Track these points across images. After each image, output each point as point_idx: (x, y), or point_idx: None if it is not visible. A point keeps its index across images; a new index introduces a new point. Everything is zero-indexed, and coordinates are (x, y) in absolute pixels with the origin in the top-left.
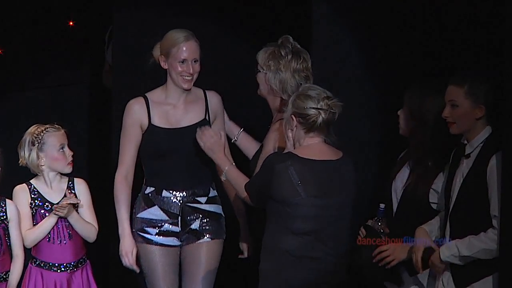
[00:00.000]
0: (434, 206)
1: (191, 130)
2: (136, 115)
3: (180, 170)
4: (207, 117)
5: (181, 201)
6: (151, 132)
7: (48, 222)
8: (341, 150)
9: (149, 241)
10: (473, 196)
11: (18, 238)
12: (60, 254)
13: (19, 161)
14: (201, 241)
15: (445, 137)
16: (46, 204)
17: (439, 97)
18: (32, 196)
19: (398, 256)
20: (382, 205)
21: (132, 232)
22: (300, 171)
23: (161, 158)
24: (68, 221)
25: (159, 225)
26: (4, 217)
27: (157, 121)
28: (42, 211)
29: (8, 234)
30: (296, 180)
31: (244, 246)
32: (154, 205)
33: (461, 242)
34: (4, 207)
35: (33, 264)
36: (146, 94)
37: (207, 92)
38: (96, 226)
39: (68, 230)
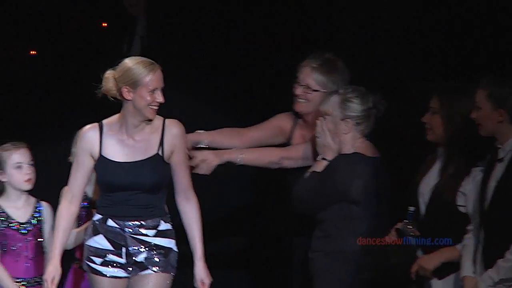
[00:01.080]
0: (461, 209)
1: (141, 165)
2: (87, 144)
3: (127, 202)
4: (160, 152)
5: (126, 232)
6: (101, 163)
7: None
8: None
9: (95, 271)
10: (507, 200)
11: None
12: None
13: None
14: (146, 272)
15: (475, 139)
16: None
17: (469, 99)
18: None
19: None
20: (411, 208)
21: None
22: (370, 171)
23: (109, 189)
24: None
25: (103, 254)
26: (40, 218)
27: (107, 153)
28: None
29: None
30: (370, 180)
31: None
32: (100, 233)
33: (491, 270)
34: (40, 209)
35: (76, 265)
36: (103, 121)
37: (166, 122)
38: None
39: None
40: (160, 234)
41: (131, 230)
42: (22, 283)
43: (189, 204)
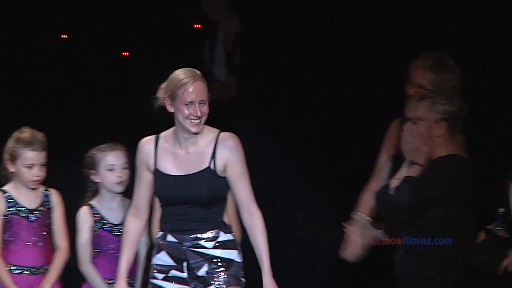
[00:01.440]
0: None
1: (192, 178)
2: (143, 156)
3: (183, 216)
4: (211, 165)
5: (184, 246)
6: (155, 177)
7: None
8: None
9: (157, 287)
10: None
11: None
12: None
13: None
14: None
15: None
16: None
17: None
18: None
19: None
20: (501, 210)
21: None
22: (466, 171)
23: (165, 203)
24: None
25: (166, 270)
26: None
27: (161, 166)
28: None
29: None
30: (467, 180)
31: None
32: (162, 250)
33: None
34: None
35: None
36: (160, 134)
37: (221, 135)
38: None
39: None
40: (220, 245)
41: (190, 244)
42: (114, 284)
43: (253, 219)
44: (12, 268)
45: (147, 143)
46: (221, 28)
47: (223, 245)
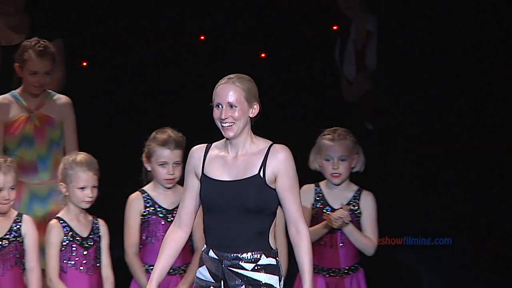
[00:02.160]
0: None
1: (240, 184)
2: (192, 162)
3: (226, 229)
4: (261, 173)
5: (224, 264)
6: (202, 182)
7: (323, 228)
8: None
9: None
10: None
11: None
12: (330, 259)
13: None
14: None
15: None
16: (327, 207)
17: None
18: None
19: None
20: None
21: None
22: None
23: (210, 212)
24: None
25: (206, 286)
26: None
27: (209, 172)
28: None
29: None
30: None
31: None
32: (204, 264)
33: None
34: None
35: None
36: (213, 143)
37: (273, 146)
38: (374, 240)
39: (341, 237)
40: (260, 269)
41: (229, 263)
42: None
43: (299, 236)
44: (148, 267)
45: (197, 150)
46: (353, 26)
47: (263, 268)
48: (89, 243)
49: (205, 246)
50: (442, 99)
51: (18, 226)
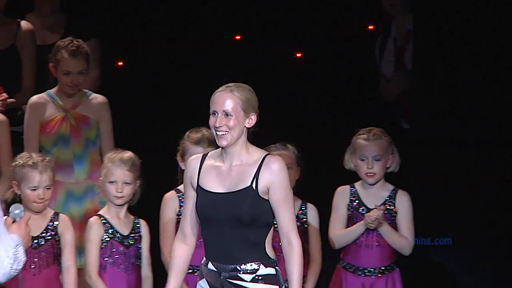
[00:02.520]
0: None
1: (234, 196)
2: (188, 174)
3: (222, 241)
4: (253, 185)
5: (221, 276)
6: (197, 194)
7: (359, 229)
8: None
9: None
10: None
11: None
12: (366, 258)
13: None
14: None
15: None
16: (363, 207)
17: None
18: None
19: None
20: None
21: None
22: None
23: (206, 225)
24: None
25: None
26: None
27: (204, 183)
28: None
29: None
30: None
31: None
32: (203, 277)
33: None
34: (305, 211)
35: (340, 265)
36: (209, 152)
37: (267, 156)
38: (411, 240)
39: (377, 237)
40: (259, 279)
41: (228, 274)
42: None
43: (290, 248)
44: None
45: (193, 160)
46: (394, 24)
47: (263, 279)
48: (130, 242)
49: (204, 258)
50: (479, 100)
51: (54, 225)
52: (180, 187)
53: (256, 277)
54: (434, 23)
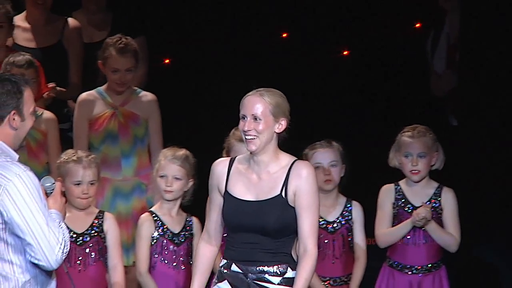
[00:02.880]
0: None
1: (263, 205)
2: (215, 178)
3: (249, 245)
4: (282, 193)
5: (249, 278)
6: (225, 200)
7: (406, 227)
8: None
9: None
10: None
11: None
12: (413, 256)
13: None
14: None
15: None
16: (409, 205)
17: None
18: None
19: None
20: None
21: None
22: None
23: (232, 229)
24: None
25: None
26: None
27: (232, 189)
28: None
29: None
30: None
31: None
32: (225, 279)
33: None
34: (350, 208)
35: (386, 263)
36: (237, 156)
37: (296, 162)
38: (457, 237)
39: (424, 234)
40: (287, 282)
41: (255, 276)
42: (329, 281)
43: (305, 254)
44: None
45: (220, 165)
46: (448, 20)
47: (290, 281)
48: (180, 240)
49: (224, 261)
50: None
51: (99, 223)
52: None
53: (284, 280)
54: (483, 21)
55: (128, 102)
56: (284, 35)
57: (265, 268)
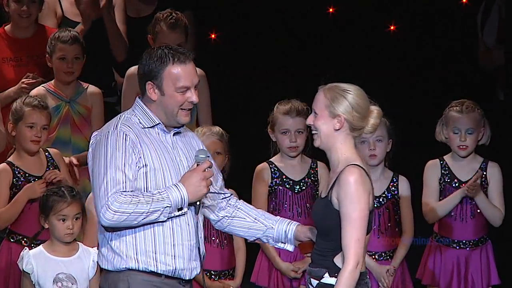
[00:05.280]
0: None
1: (317, 203)
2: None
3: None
4: (329, 196)
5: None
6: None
7: (456, 198)
8: None
9: None
10: None
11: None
12: (460, 231)
13: None
14: None
15: None
16: (455, 180)
17: None
18: None
19: None
20: None
21: None
22: None
23: None
24: (473, 201)
25: None
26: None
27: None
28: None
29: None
30: None
31: None
32: None
33: None
34: (396, 183)
35: (433, 238)
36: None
37: (346, 168)
38: (502, 210)
39: (471, 209)
40: (321, 286)
41: (308, 276)
42: (373, 257)
43: (342, 267)
44: None
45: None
46: None
47: (324, 287)
48: None
49: None
50: None
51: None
52: (273, 159)
53: (320, 284)
54: None
55: None
56: (331, 10)
57: (311, 269)
